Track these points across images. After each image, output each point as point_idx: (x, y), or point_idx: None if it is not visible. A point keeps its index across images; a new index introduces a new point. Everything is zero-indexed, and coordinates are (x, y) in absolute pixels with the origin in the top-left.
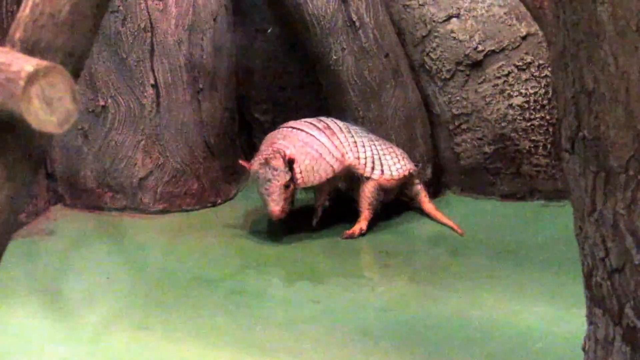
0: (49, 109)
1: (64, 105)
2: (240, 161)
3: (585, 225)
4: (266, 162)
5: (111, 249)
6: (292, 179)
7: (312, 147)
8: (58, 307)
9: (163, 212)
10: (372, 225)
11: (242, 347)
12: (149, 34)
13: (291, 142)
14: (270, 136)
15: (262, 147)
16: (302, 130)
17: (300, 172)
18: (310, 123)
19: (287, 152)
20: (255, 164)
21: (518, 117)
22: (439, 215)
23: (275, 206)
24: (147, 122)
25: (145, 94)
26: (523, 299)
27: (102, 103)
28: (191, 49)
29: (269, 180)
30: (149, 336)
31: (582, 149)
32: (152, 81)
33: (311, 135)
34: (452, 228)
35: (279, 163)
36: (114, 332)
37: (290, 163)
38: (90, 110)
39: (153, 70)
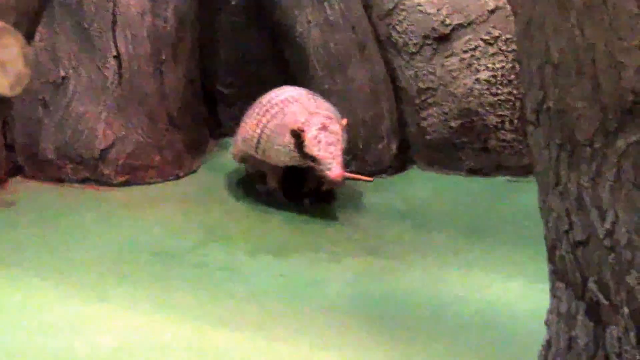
0: (1, 71)
1: (16, 67)
2: (294, 128)
3: (550, 198)
4: (324, 128)
5: (72, 221)
6: None
7: (335, 112)
8: (16, 279)
9: (125, 184)
10: (337, 200)
11: (204, 321)
12: (111, 4)
13: (328, 109)
14: (292, 108)
15: (294, 117)
16: (319, 97)
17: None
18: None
19: (342, 118)
20: (312, 130)
21: (485, 92)
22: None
23: (341, 169)
24: (109, 93)
25: (107, 65)
26: (488, 273)
27: (62, 74)
28: (154, 20)
29: (333, 144)
30: (109, 309)
31: (547, 121)
32: (114, 52)
33: (327, 102)
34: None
35: (337, 128)
36: (73, 305)
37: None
38: (50, 81)
39: (115, 41)
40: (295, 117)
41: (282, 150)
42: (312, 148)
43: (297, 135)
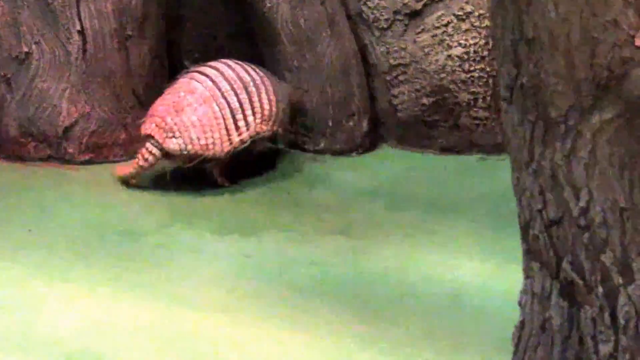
0: None
1: None
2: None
3: (523, 176)
4: None
5: (34, 200)
6: None
7: None
8: None
9: (88, 162)
10: (306, 178)
11: (169, 302)
12: None
13: None
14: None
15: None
16: None
17: None
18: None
19: None
20: None
21: (457, 69)
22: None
23: None
24: (73, 69)
25: (71, 40)
26: (460, 254)
27: (25, 49)
28: None
29: None
30: (72, 290)
31: (521, 98)
32: (78, 27)
33: None
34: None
35: None
36: (34, 287)
37: None
38: (13, 56)
39: (79, 16)
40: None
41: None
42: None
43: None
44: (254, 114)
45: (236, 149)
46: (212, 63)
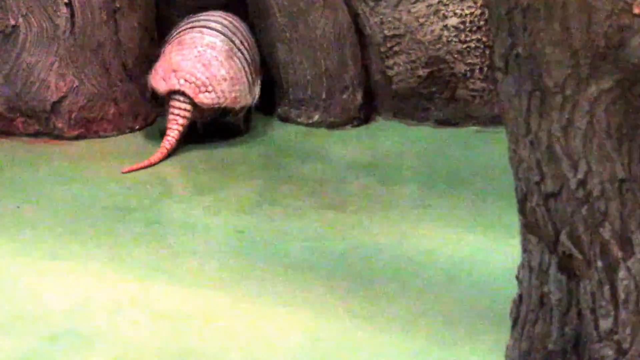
0: None
1: None
2: None
3: (520, 148)
4: None
5: (22, 176)
6: None
7: None
8: None
9: (78, 138)
10: (299, 152)
11: (161, 280)
12: None
13: None
14: None
15: None
16: None
17: None
18: None
19: None
20: None
21: (453, 39)
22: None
23: None
24: (61, 43)
25: (59, 13)
26: (458, 228)
27: (12, 22)
28: None
29: None
30: (61, 268)
31: (517, 68)
32: None
33: None
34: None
35: None
36: (23, 264)
37: None
38: None
39: None
40: None
41: None
42: None
43: None
44: (255, 65)
45: (254, 101)
46: (207, 16)
